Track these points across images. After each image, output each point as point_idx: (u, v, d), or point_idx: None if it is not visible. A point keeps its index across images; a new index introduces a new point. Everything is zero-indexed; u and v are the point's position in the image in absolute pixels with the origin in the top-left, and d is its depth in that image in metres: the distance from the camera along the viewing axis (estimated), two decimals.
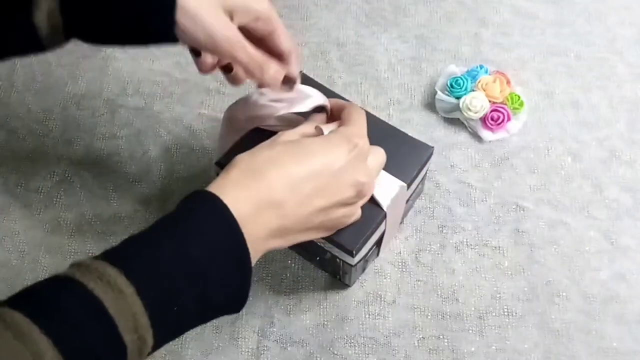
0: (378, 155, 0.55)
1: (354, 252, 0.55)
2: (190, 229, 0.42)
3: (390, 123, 0.62)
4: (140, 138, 0.72)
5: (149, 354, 0.41)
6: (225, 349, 0.60)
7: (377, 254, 0.63)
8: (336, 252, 0.57)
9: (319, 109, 0.57)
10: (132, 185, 0.69)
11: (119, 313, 0.38)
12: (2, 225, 0.66)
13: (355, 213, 0.53)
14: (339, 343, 0.60)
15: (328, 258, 0.59)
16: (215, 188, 0.45)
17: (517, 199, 0.68)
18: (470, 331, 0.61)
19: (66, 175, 0.69)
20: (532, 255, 0.64)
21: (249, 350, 0.60)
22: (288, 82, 0.53)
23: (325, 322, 0.61)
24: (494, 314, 0.61)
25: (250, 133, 0.60)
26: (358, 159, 0.50)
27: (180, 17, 0.47)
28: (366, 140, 0.52)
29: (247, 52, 0.49)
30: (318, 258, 0.61)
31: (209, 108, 0.74)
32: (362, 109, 0.56)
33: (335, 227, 0.53)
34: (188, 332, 0.45)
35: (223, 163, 0.59)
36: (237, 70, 0.56)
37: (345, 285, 0.63)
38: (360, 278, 0.63)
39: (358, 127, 0.52)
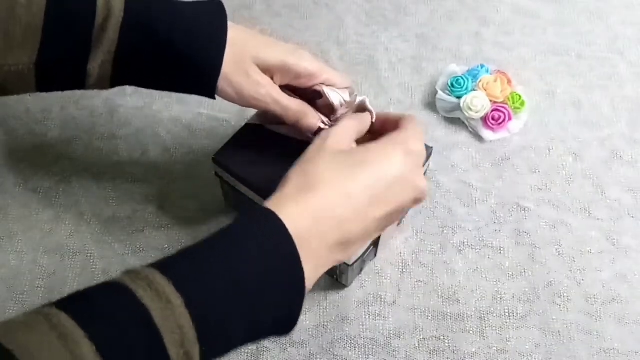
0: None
1: None
2: (246, 246, 0.41)
3: None
4: (139, 138, 0.71)
5: None
6: None
7: (375, 254, 0.63)
8: None
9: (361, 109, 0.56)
10: (131, 185, 0.68)
11: (165, 324, 0.37)
12: (1, 226, 0.66)
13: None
14: (339, 344, 0.60)
15: None
16: (272, 204, 0.44)
17: (518, 199, 0.67)
18: (471, 332, 0.60)
19: (65, 175, 0.69)
20: (533, 256, 0.64)
21: (249, 351, 0.59)
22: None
23: (326, 323, 0.61)
24: (494, 314, 0.61)
25: (243, 130, 0.59)
26: (415, 164, 0.48)
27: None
28: (422, 144, 0.50)
29: (281, 105, 0.53)
30: None
31: (209, 108, 0.73)
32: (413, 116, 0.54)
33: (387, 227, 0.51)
34: None
35: (219, 160, 0.58)
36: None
37: (343, 286, 0.62)
38: (360, 278, 0.63)
39: (412, 132, 0.50)
